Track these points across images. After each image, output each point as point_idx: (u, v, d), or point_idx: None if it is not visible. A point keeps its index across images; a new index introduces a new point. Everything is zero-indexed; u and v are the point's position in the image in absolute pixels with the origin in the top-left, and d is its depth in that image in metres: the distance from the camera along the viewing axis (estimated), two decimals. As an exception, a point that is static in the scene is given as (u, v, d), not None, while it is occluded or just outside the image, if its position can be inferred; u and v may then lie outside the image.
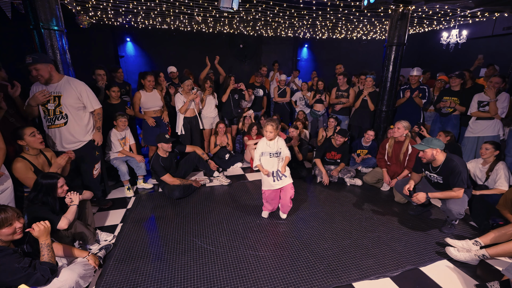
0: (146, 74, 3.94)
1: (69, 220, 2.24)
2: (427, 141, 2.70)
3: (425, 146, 2.67)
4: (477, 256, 2.31)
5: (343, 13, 4.85)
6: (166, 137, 3.58)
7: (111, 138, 3.61)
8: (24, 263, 1.66)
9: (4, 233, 1.68)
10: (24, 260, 1.68)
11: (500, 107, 3.61)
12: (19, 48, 5.85)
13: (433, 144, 2.65)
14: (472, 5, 4.04)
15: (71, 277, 1.87)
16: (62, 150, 2.84)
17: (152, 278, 2.18)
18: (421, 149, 2.70)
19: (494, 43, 7.10)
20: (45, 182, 2.20)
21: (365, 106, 4.81)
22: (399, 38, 4.27)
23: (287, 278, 2.18)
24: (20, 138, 2.43)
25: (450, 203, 2.67)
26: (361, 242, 2.66)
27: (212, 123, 4.79)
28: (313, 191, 3.84)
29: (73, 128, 2.86)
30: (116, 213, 3.20)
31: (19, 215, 1.77)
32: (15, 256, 1.67)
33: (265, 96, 5.54)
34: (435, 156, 2.68)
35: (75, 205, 2.34)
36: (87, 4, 4.36)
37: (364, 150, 4.49)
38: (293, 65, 9.27)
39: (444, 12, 4.79)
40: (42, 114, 2.73)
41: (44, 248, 1.81)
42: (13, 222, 1.71)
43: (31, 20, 2.87)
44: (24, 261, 1.67)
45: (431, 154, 2.67)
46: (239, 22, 5.93)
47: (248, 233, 2.80)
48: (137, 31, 7.12)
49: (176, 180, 3.61)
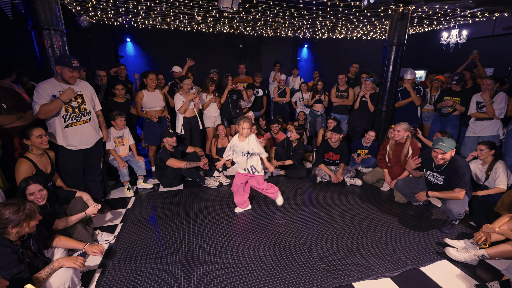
0: (148, 73, 3.95)
1: (67, 224, 2.33)
2: (449, 142, 2.59)
3: (448, 148, 2.58)
4: (476, 256, 2.31)
5: (343, 13, 4.85)
6: (170, 132, 3.79)
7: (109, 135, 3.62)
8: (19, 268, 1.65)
9: (32, 224, 1.76)
10: (20, 266, 1.66)
11: (497, 108, 3.61)
12: (19, 48, 5.85)
13: (453, 146, 2.60)
14: (472, 5, 4.04)
15: (67, 274, 1.87)
16: (74, 149, 2.83)
17: (152, 278, 2.18)
18: (445, 151, 2.58)
19: (494, 43, 7.09)
20: (20, 187, 2.20)
21: (364, 107, 4.81)
22: (399, 38, 4.27)
23: (287, 278, 2.18)
24: (27, 137, 2.46)
25: (450, 203, 2.67)
26: (361, 242, 2.66)
27: (215, 122, 4.79)
28: (313, 191, 3.85)
29: (95, 124, 2.98)
30: (116, 213, 3.20)
31: (38, 210, 1.86)
32: (13, 257, 1.66)
33: (265, 96, 5.54)
34: (451, 157, 2.65)
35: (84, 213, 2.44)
36: (87, 4, 4.36)
37: (364, 150, 4.50)
38: (293, 65, 9.25)
39: (444, 12, 4.79)
40: (62, 113, 2.70)
41: (49, 269, 1.82)
42: (37, 214, 1.82)
43: (31, 20, 2.87)
44: (19, 267, 1.65)
45: (450, 155, 2.62)
46: (239, 22, 5.93)
47: (248, 233, 2.80)
48: (137, 31, 7.12)
49: (182, 163, 3.72)
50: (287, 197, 3.57)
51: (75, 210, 2.46)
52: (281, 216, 3.14)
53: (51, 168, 2.68)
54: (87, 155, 2.97)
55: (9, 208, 1.69)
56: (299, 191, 3.79)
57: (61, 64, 2.61)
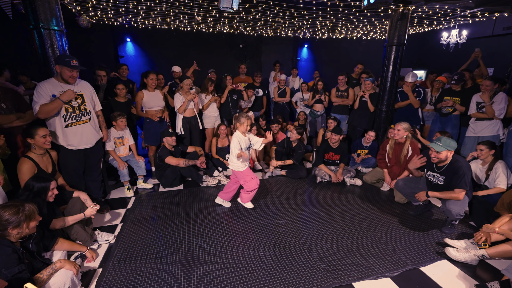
0: (149, 73, 3.95)
1: (65, 224, 2.34)
2: (445, 142, 2.60)
3: (443, 147, 2.59)
4: (476, 256, 2.31)
5: (343, 13, 4.85)
6: (170, 132, 3.82)
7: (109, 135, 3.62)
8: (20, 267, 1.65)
9: (31, 225, 1.77)
10: (20, 266, 1.67)
11: (497, 108, 3.61)
12: (19, 48, 5.85)
13: (450, 146, 2.59)
14: (472, 5, 4.04)
15: (67, 275, 1.88)
16: (74, 149, 2.84)
17: (152, 278, 2.18)
18: (438, 150, 2.61)
19: (494, 43, 7.09)
20: (38, 185, 2.23)
21: (364, 107, 4.81)
22: (399, 38, 4.27)
23: (287, 278, 2.18)
24: (31, 136, 2.47)
25: (450, 204, 2.67)
26: (361, 242, 2.66)
27: (214, 122, 4.79)
28: (313, 191, 3.84)
29: (94, 124, 2.98)
30: (116, 213, 3.20)
31: (38, 212, 1.88)
32: (14, 257, 1.66)
33: (265, 96, 5.53)
34: (447, 158, 2.65)
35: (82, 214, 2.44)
36: (87, 4, 4.36)
37: (364, 150, 4.50)
38: (293, 65, 9.24)
39: (444, 12, 4.79)
40: (62, 113, 2.71)
41: (50, 269, 1.82)
42: (36, 215, 1.83)
43: (31, 20, 2.87)
44: (20, 266, 1.66)
45: (445, 155, 2.63)
46: (239, 22, 5.93)
47: (248, 233, 2.80)
48: (137, 31, 7.12)
49: (180, 160, 3.73)
50: (287, 197, 3.58)
51: (73, 210, 2.46)
52: (281, 216, 3.14)
53: (52, 167, 2.69)
54: (88, 155, 2.98)
55: (8, 209, 1.70)
56: (299, 191, 3.79)
57: (60, 63, 2.61)
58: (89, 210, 2.48)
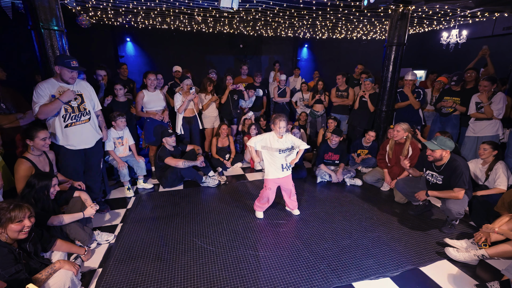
0: (148, 73, 3.94)
1: (63, 221, 2.32)
2: (441, 141, 2.63)
3: (437, 146, 2.63)
4: (476, 256, 2.31)
5: (343, 13, 4.84)
6: (169, 132, 3.85)
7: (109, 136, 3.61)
8: (17, 267, 1.65)
9: (12, 228, 1.70)
10: (17, 266, 1.66)
11: (495, 109, 3.61)
12: (19, 48, 5.85)
13: (446, 146, 2.62)
14: (472, 5, 4.04)
15: (67, 275, 1.87)
16: (74, 149, 2.83)
17: (152, 278, 2.18)
18: (432, 149, 2.66)
19: (494, 43, 7.07)
20: (40, 182, 2.24)
21: (364, 107, 4.81)
22: (399, 38, 4.27)
23: (287, 278, 2.18)
24: (31, 138, 2.45)
25: (450, 203, 2.67)
26: (361, 242, 2.66)
27: (214, 122, 4.79)
28: (313, 191, 3.84)
29: (94, 124, 2.98)
30: (116, 213, 3.20)
31: (31, 215, 1.80)
32: (10, 257, 1.66)
33: (265, 96, 5.53)
34: (442, 157, 2.67)
35: (81, 213, 2.43)
36: (87, 4, 4.36)
37: (364, 150, 4.49)
38: (293, 65, 9.24)
39: (444, 12, 4.79)
40: (62, 113, 2.70)
41: (50, 269, 1.81)
42: (23, 219, 1.74)
43: (31, 20, 2.87)
44: (17, 266, 1.65)
45: (440, 154, 2.66)
46: (239, 22, 5.93)
47: (248, 233, 2.80)
48: (137, 31, 7.11)
49: (180, 161, 3.75)
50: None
51: (74, 210, 2.46)
52: (281, 216, 3.14)
53: (49, 168, 2.68)
54: (88, 155, 2.97)
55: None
56: (299, 191, 3.78)
57: (60, 64, 2.60)
58: (89, 210, 2.48)
